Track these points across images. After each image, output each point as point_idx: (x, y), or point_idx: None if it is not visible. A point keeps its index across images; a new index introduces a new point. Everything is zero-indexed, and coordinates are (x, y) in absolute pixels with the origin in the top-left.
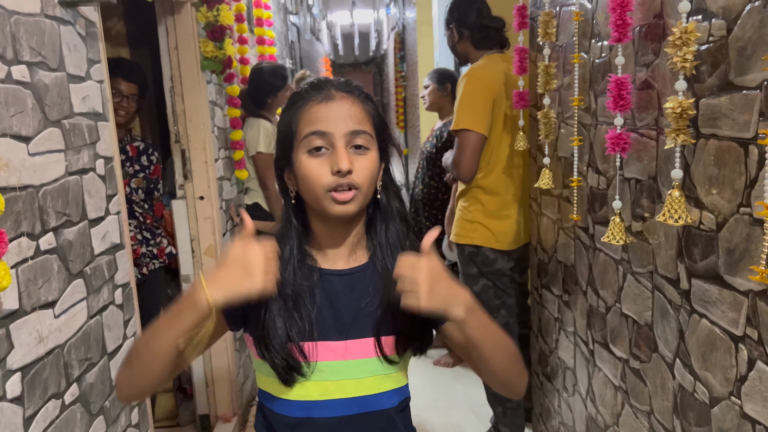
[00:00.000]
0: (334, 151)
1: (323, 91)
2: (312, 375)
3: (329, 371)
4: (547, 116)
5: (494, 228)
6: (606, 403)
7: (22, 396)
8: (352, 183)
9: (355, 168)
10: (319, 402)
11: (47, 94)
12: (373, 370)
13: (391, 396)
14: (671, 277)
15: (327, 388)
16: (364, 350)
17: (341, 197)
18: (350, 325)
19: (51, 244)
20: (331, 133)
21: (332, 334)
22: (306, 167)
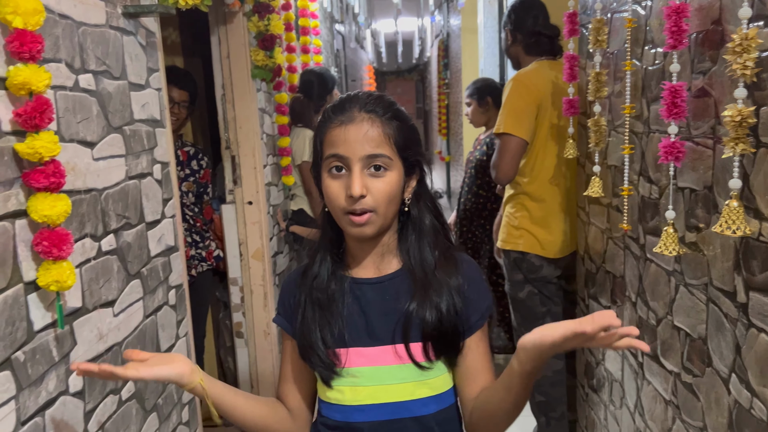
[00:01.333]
0: (350, 173)
1: (346, 112)
2: (347, 380)
3: (362, 377)
4: (597, 124)
5: (540, 235)
6: (656, 417)
7: (83, 391)
8: (365, 208)
9: (370, 191)
10: (353, 407)
11: (110, 101)
12: (405, 377)
13: (427, 403)
14: (727, 290)
15: (360, 393)
16: (393, 357)
17: (357, 220)
18: (382, 331)
19: (111, 246)
20: (347, 156)
21: (364, 340)
22: (327, 187)
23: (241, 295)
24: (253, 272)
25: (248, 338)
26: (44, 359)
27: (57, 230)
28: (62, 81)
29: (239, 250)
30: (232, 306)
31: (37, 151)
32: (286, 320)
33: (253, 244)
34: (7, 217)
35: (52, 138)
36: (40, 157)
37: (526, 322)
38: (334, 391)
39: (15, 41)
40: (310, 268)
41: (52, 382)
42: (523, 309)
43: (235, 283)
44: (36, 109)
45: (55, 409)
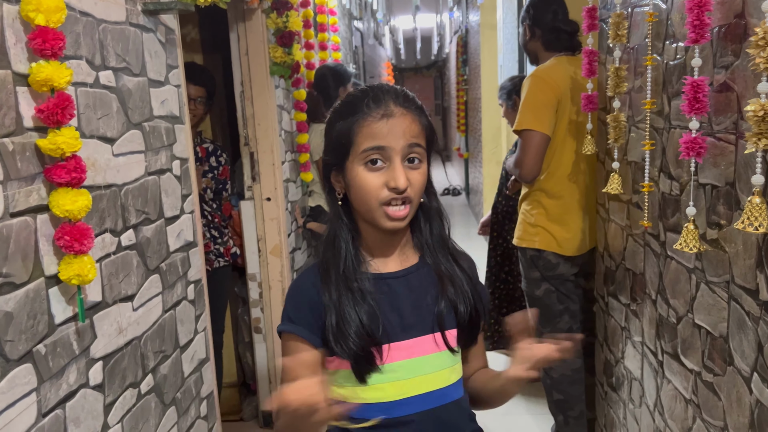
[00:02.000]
0: (390, 166)
1: (382, 106)
2: (386, 376)
3: (402, 370)
4: (616, 120)
5: (556, 233)
6: (676, 416)
7: (103, 384)
8: (406, 197)
9: (410, 183)
10: (397, 402)
11: (130, 98)
12: (441, 364)
13: (458, 387)
14: (750, 288)
15: (402, 386)
16: (431, 346)
17: (396, 215)
18: (414, 323)
19: (131, 241)
20: (390, 147)
21: (399, 334)
22: (363, 180)
23: (260, 290)
24: (272, 268)
25: (266, 334)
26: (65, 352)
27: (78, 225)
28: (83, 78)
29: (258, 246)
30: (250, 301)
31: (59, 147)
32: (305, 327)
33: (271, 240)
34: (29, 212)
35: (74, 134)
36: (61, 152)
37: (543, 320)
38: (372, 389)
39: (37, 38)
40: (334, 265)
41: (73, 374)
42: (540, 307)
43: (254, 278)
44: (58, 106)
45: (75, 402)
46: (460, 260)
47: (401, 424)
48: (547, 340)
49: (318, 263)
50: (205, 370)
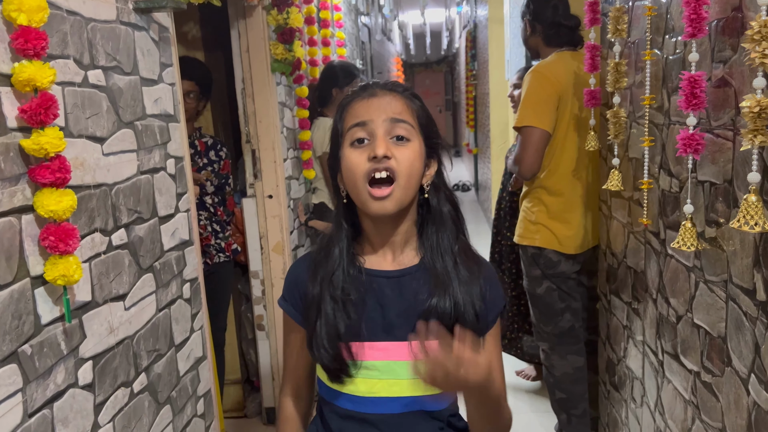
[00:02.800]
0: (373, 143)
1: (368, 90)
2: (359, 372)
3: (376, 370)
4: (616, 115)
5: (557, 230)
6: (676, 417)
7: (93, 383)
8: (389, 168)
9: (394, 156)
10: (366, 398)
11: (121, 96)
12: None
13: (439, 399)
14: (747, 287)
15: (374, 385)
16: (411, 353)
17: (378, 193)
18: (398, 326)
19: (123, 240)
20: (371, 120)
21: (380, 334)
22: (348, 158)
23: (262, 288)
24: (274, 265)
25: (269, 331)
26: (52, 352)
27: (63, 225)
28: (70, 77)
29: (260, 244)
30: (253, 299)
31: (43, 147)
32: (294, 309)
33: (273, 238)
34: (13, 213)
35: (58, 134)
36: (45, 153)
37: (545, 318)
38: (350, 384)
39: (19, 38)
40: (325, 263)
41: (61, 374)
42: (541, 305)
43: (256, 276)
44: (41, 105)
45: (63, 402)
46: (470, 268)
47: (367, 422)
48: None
49: (314, 254)
50: (201, 369)
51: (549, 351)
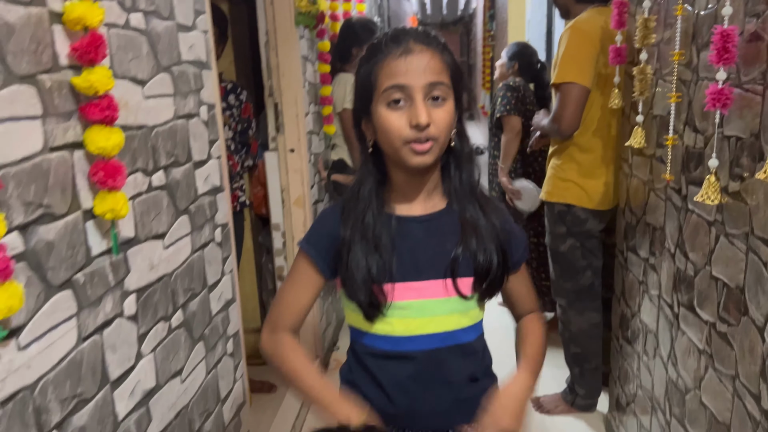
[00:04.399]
0: (412, 104)
1: (402, 44)
2: (395, 312)
3: (411, 309)
4: (643, 72)
5: (588, 187)
6: (688, 367)
7: (136, 315)
8: (429, 135)
9: (433, 120)
10: (403, 338)
11: (159, 41)
12: (451, 309)
13: (468, 332)
14: (765, 238)
15: (410, 324)
16: (440, 290)
17: (420, 148)
18: (429, 266)
19: (161, 182)
20: (410, 86)
21: (412, 275)
22: (385, 120)
23: (283, 240)
24: (295, 218)
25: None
26: (101, 283)
27: (111, 162)
28: (114, 19)
29: (281, 197)
30: (274, 250)
31: (93, 85)
32: (317, 253)
33: (294, 192)
34: (66, 148)
35: (107, 73)
36: (95, 90)
37: (565, 275)
38: (380, 322)
39: None
40: (354, 208)
41: (109, 304)
42: (563, 262)
43: (278, 228)
44: (91, 44)
45: (111, 330)
46: (488, 209)
47: (405, 359)
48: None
49: (344, 201)
50: (231, 311)
51: (567, 306)
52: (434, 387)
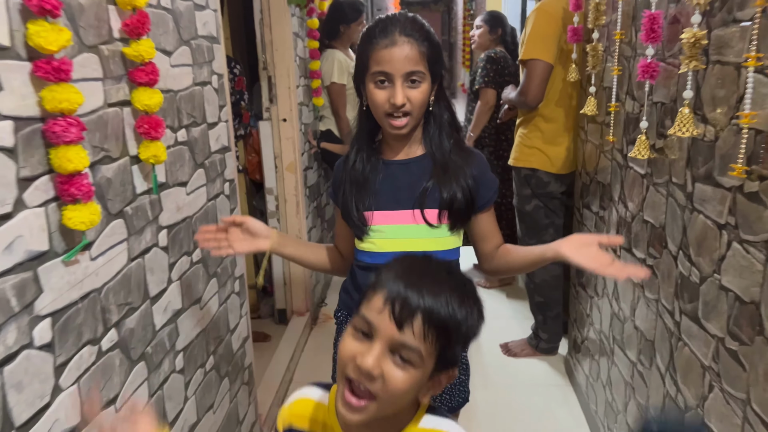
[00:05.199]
0: (393, 87)
1: (389, 36)
2: (375, 234)
3: (387, 232)
4: (595, 49)
5: (550, 153)
6: (626, 298)
7: (167, 247)
8: (405, 110)
9: (409, 100)
10: (380, 253)
11: (181, 18)
12: (419, 234)
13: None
14: (680, 183)
15: (386, 244)
16: (409, 218)
17: (396, 123)
18: (404, 199)
19: (184, 138)
20: (391, 73)
21: (390, 205)
22: (372, 95)
23: (276, 203)
24: (287, 183)
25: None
26: (143, 216)
27: (153, 117)
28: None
29: (275, 163)
30: (268, 213)
31: (140, 54)
32: (335, 193)
33: (287, 158)
34: (118, 104)
35: (150, 44)
36: (142, 59)
37: (531, 232)
38: (366, 242)
39: None
40: (350, 156)
41: (148, 235)
42: (529, 221)
43: (271, 192)
44: (139, 21)
45: (150, 256)
46: (461, 156)
47: None
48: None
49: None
50: (238, 257)
51: None
52: None
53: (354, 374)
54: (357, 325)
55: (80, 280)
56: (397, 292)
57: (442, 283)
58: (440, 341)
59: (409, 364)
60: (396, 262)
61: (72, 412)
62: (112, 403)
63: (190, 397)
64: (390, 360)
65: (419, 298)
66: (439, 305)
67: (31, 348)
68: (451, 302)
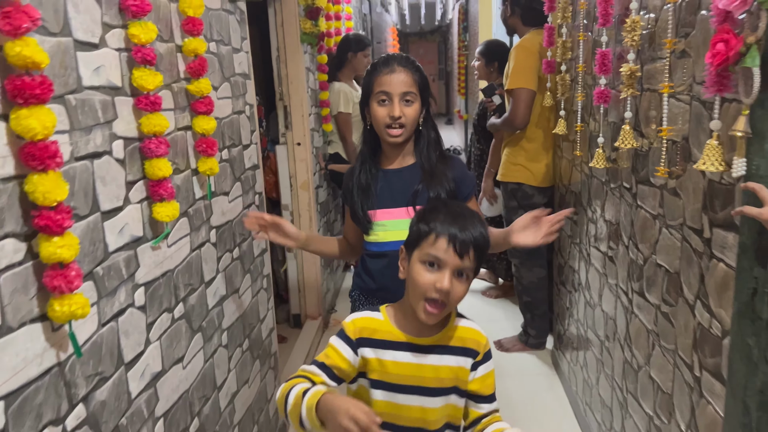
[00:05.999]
0: (392, 104)
1: (389, 66)
2: (378, 228)
3: (387, 226)
4: (563, 79)
5: (533, 168)
6: (594, 287)
7: (216, 244)
8: (401, 123)
9: (404, 114)
10: (383, 242)
11: (224, 60)
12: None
13: None
14: (628, 186)
15: (386, 234)
16: (406, 214)
17: (394, 133)
18: (400, 199)
19: (226, 156)
20: (390, 92)
21: (389, 204)
22: (375, 111)
23: (291, 218)
24: (301, 200)
25: (296, 253)
26: (199, 217)
27: (209, 138)
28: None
29: (290, 182)
30: None
31: (200, 90)
32: (345, 196)
33: (300, 177)
34: (182, 129)
35: (208, 82)
36: (201, 93)
37: None
38: (372, 235)
39: (188, 24)
40: (356, 167)
41: (204, 232)
42: None
43: (287, 208)
44: (200, 64)
45: (204, 249)
46: (445, 163)
47: (384, 256)
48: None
49: (352, 167)
50: (265, 257)
51: (519, 265)
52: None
53: (435, 294)
54: (425, 260)
55: (161, 261)
56: (454, 235)
57: (472, 219)
58: (480, 257)
59: (466, 278)
60: (436, 211)
61: (156, 362)
62: (180, 362)
63: (232, 369)
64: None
65: (469, 236)
66: (479, 236)
67: (133, 307)
68: (481, 231)
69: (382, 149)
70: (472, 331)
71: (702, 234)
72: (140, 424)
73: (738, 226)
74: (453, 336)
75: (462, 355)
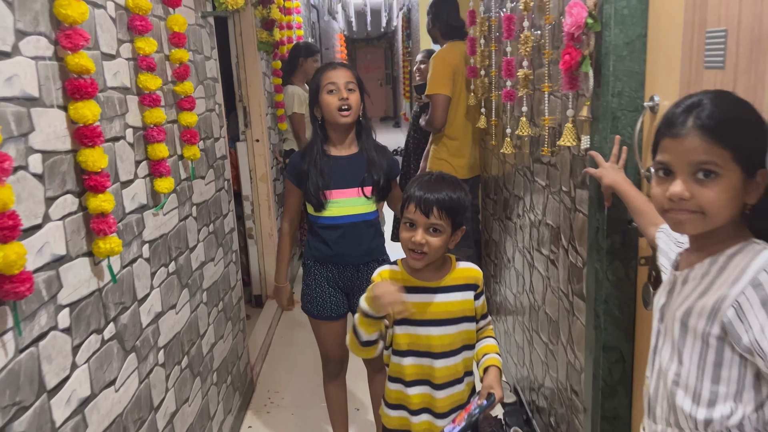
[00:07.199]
0: (339, 91)
1: (333, 65)
2: (332, 205)
3: (340, 203)
4: (483, 82)
5: (454, 163)
6: (508, 251)
7: (196, 218)
8: (349, 105)
9: (349, 99)
10: (337, 216)
11: (199, 66)
12: (359, 202)
13: (370, 214)
14: (526, 165)
15: (340, 210)
16: (356, 193)
17: (344, 114)
18: (350, 181)
19: (202, 147)
20: (337, 82)
21: (341, 185)
22: (326, 100)
23: (252, 207)
24: (260, 191)
25: (257, 239)
26: (184, 195)
27: (192, 129)
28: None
29: (250, 175)
30: (245, 215)
31: (185, 91)
32: (294, 178)
33: (260, 171)
34: (170, 122)
35: (191, 84)
36: (185, 93)
37: None
38: (327, 211)
39: (175, 38)
40: (310, 153)
41: (187, 207)
42: None
43: (247, 198)
44: (184, 70)
45: (189, 221)
46: (380, 153)
47: (338, 227)
48: None
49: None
50: (234, 235)
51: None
52: (352, 241)
53: (413, 246)
54: (405, 222)
55: (159, 226)
56: (419, 197)
57: (441, 184)
58: (450, 214)
59: (438, 233)
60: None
61: (157, 304)
62: (173, 308)
63: (211, 323)
64: (429, 234)
65: (433, 198)
66: (442, 197)
67: (142, 259)
68: (448, 192)
69: (330, 138)
70: (470, 269)
71: (570, 195)
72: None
73: (588, 184)
74: (456, 276)
75: (466, 290)
